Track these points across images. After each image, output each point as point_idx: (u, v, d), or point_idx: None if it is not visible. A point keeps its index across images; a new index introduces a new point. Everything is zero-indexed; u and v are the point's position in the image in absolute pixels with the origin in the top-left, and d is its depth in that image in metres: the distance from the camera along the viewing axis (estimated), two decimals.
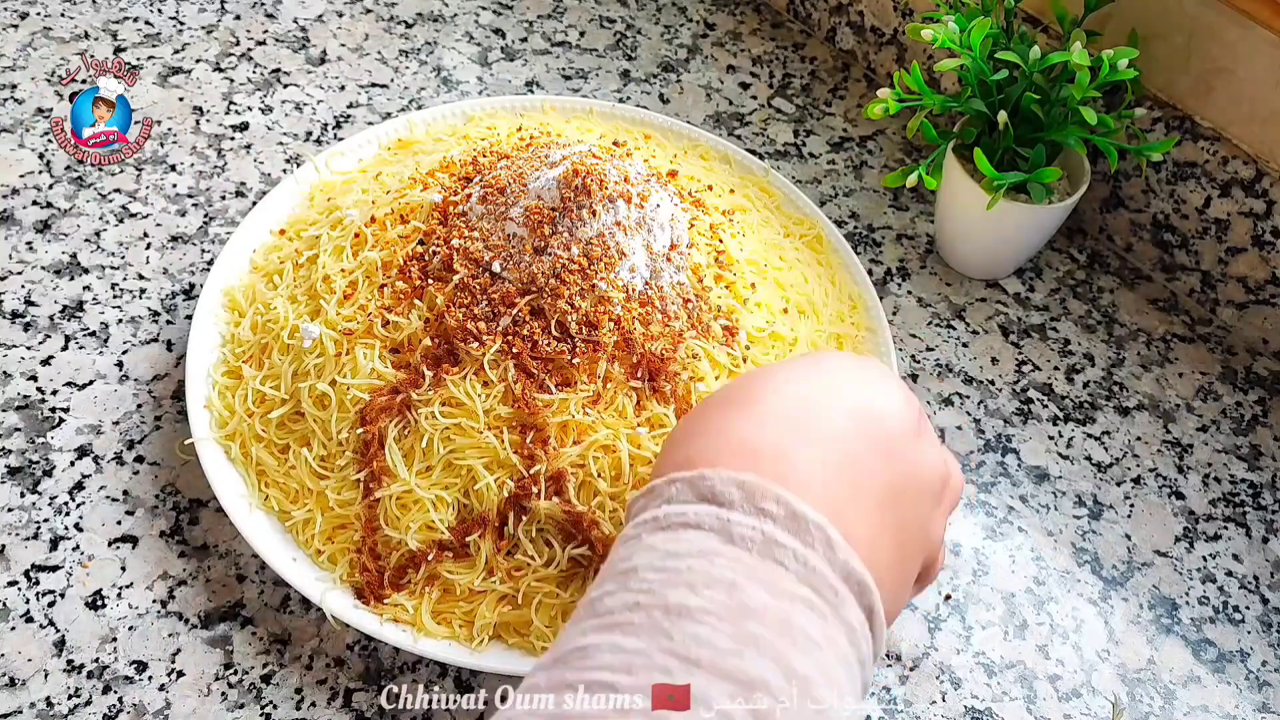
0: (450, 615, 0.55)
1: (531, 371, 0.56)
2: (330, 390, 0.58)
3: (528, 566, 0.55)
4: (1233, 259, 0.74)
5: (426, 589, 0.55)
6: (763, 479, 0.37)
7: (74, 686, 0.55)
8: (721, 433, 0.41)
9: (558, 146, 0.63)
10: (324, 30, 0.89)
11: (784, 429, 0.40)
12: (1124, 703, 0.59)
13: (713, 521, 0.36)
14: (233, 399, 0.61)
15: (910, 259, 0.79)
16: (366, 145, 0.75)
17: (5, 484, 0.62)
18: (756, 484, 0.37)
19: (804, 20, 0.94)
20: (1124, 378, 0.74)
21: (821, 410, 0.41)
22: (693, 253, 0.62)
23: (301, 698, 0.56)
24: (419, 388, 0.56)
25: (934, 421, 0.70)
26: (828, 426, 0.40)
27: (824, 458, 0.39)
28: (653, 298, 0.58)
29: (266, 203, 0.70)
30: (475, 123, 0.76)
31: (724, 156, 0.77)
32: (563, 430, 0.56)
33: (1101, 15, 0.72)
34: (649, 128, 0.78)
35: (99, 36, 0.85)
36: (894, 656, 0.60)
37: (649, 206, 0.59)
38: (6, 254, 0.71)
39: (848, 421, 0.41)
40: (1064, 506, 0.67)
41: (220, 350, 0.64)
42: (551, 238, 0.57)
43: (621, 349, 0.57)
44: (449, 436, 0.56)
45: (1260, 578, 0.65)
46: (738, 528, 0.36)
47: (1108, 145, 0.69)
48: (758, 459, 0.39)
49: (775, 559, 0.35)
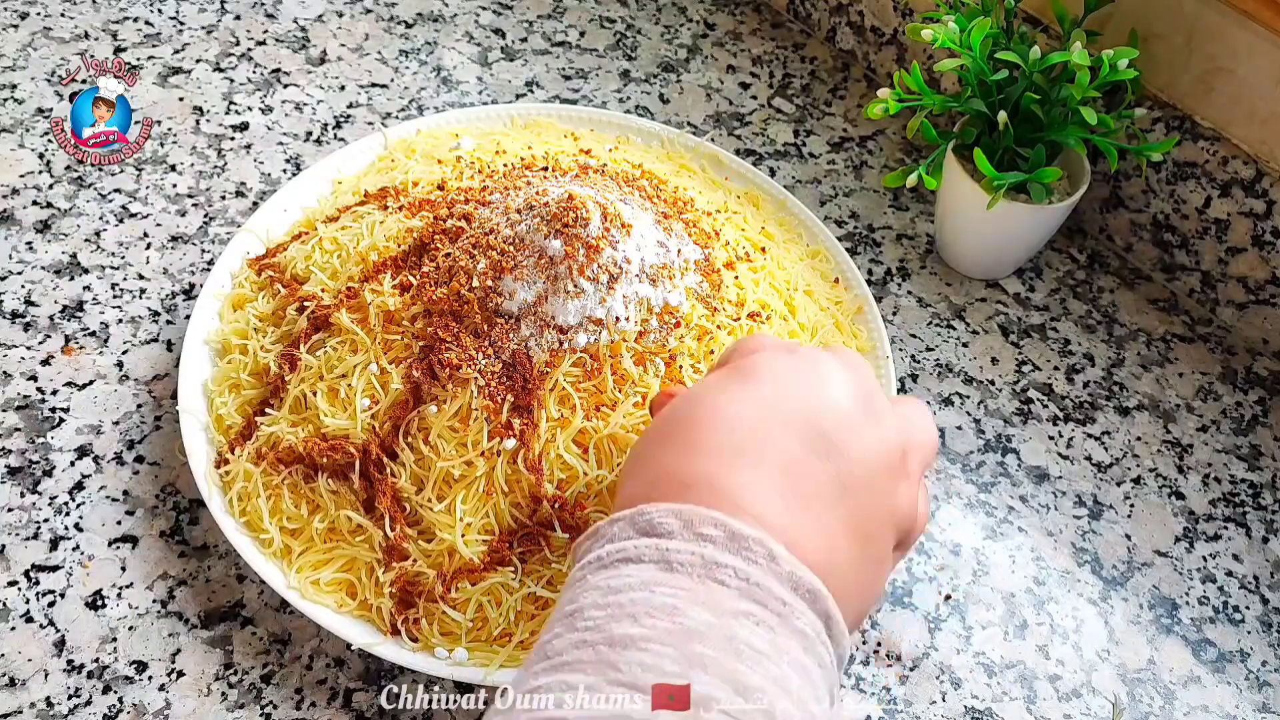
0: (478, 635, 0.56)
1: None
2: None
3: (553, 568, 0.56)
4: (1233, 259, 0.74)
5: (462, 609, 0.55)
6: (700, 506, 0.38)
7: (74, 686, 0.55)
8: (659, 468, 0.41)
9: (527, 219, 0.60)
10: (324, 30, 0.89)
11: (720, 455, 0.40)
12: (1124, 703, 0.59)
13: (652, 553, 0.37)
14: (240, 451, 0.60)
15: (910, 259, 0.79)
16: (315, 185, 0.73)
17: (5, 484, 0.62)
18: (694, 511, 0.37)
19: (804, 20, 0.94)
20: (1124, 378, 0.74)
21: (756, 428, 0.41)
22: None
23: (301, 698, 0.56)
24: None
25: (934, 421, 0.70)
26: (763, 442, 0.40)
27: (763, 474, 0.39)
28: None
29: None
30: (438, 143, 0.75)
31: (713, 157, 0.77)
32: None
33: (1101, 15, 0.72)
34: (632, 132, 0.78)
35: (99, 36, 0.85)
36: (894, 656, 0.60)
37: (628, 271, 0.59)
38: (6, 254, 0.71)
39: (782, 433, 0.41)
40: (1064, 506, 0.67)
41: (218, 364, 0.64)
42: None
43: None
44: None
45: (1260, 578, 0.65)
46: (677, 555, 0.36)
47: (1108, 145, 0.69)
48: (695, 489, 0.39)
49: (716, 579, 0.35)
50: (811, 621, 0.36)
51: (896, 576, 0.63)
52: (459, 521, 0.55)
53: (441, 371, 0.57)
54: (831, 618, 0.37)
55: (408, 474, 0.56)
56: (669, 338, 0.59)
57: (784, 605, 0.36)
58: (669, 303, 0.59)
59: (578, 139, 0.76)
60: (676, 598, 0.35)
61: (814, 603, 0.37)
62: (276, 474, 0.59)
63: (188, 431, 0.60)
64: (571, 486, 0.55)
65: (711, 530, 0.37)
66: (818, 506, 0.39)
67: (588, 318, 0.57)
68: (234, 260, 0.68)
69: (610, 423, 0.56)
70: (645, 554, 0.37)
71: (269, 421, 0.60)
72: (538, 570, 0.55)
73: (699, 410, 0.43)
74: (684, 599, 0.35)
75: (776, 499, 0.39)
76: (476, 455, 0.55)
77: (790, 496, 0.39)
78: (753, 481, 0.39)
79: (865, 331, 0.69)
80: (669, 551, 0.36)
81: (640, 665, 0.33)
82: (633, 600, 0.35)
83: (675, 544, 0.36)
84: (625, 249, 0.58)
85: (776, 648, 0.35)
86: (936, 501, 0.67)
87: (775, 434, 0.41)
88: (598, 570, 0.37)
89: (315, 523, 0.57)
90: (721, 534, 0.37)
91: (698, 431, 0.42)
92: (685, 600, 0.35)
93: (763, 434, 0.41)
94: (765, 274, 0.67)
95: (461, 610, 0.55)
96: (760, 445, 0.40)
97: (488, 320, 0.58)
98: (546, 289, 0.57)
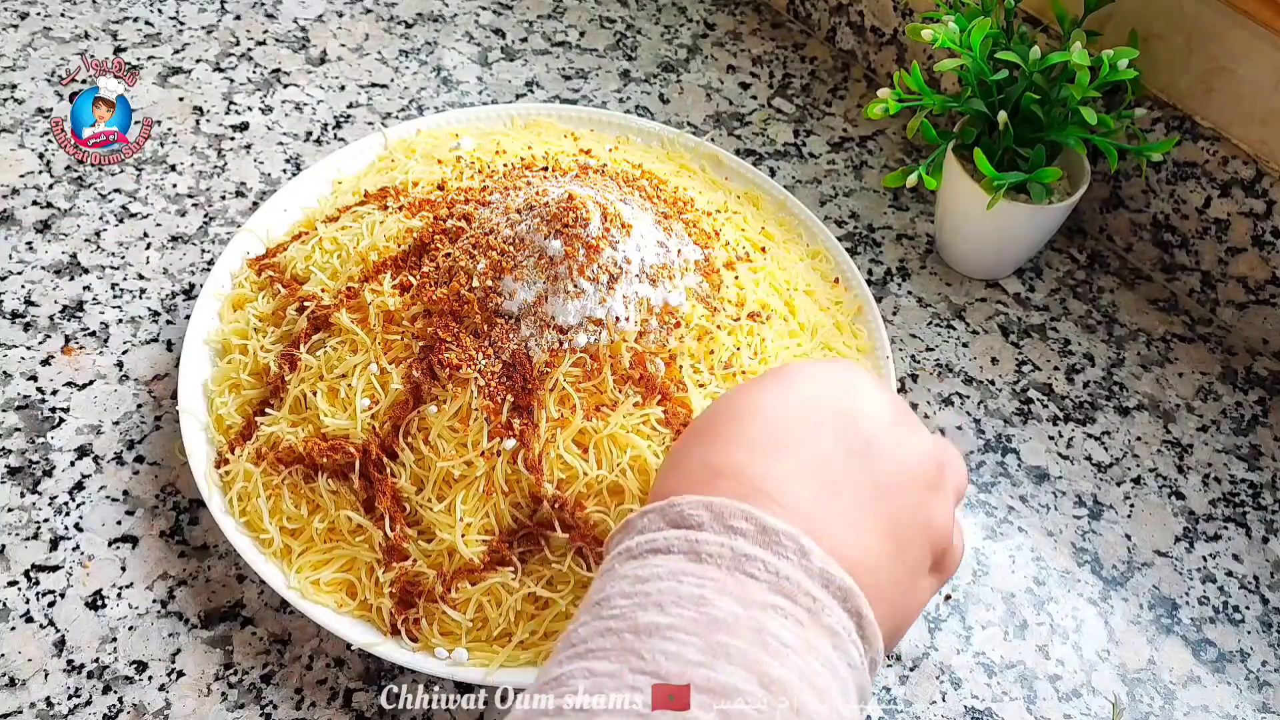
0: (479, 634, 0.56)
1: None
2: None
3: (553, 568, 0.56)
4: (1233, 259, 0.74)
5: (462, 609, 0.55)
6: (731, 499, 0.37)
7: (74, 686, 0.55)
8: (692, 462, 0.41)
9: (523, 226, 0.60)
10: (324, 30, 0.89)
11: (754, 449, 0.40)
12: (1124, 703, 0.59)
13: (681, 544, 0.36)
14: (240, 450, 0.60)
15: (910, 259, 0.79)
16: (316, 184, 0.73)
17: (5, 484, 0.62)
18: (725, 504, 0.37)
19: (804, 20, 0.94)
20: (1124, 378, 0.74)
21: (791, 424, 0.41)
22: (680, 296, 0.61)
23: (301, 698, 0.56)
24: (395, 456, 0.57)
25: (934, 421, 0.70)
26: (799, 438, 0.40)
27: (796, 469, 0.39)
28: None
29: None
30: (438, 143, 0.75)
31: (713, 157, 0.77)
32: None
33: (1101, 15, 0.72)
34: (632, 132, 0.78)
35: (99, 36, 0.85)
36: (894, 656, 0.60)
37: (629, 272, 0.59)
38: (6, 254, 0.71)
39: (819, 429, 0.41)
40: (1064, 506, 0.67)
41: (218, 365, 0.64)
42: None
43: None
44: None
45: (1260, 578, 0.65)
46: (706, 546, 0.36)
47: (1108, 145, 0.69)
48: (725, 478, 0.39)
49: (745, 571, 0.35)
50: (841, 619, 0.36)
51: None
52: (459, 521, 0.55)
53: (441, 371, 0.57)
54: (863, 617, 0.37)
55: (408, 474, 0.56)
56: (669, 338, 0.59)
57: (814, 601, 0.35)
58: (669, 303, 0.59)
59: (578, 139, 0.76)
60: (704, 588, 0.35)
61: (845, 600, 0.36)
62: (276, 474, 0.59)
63: (188, 431, 0.60)
64: (571, 486, 0.55)
65: (742, 523, 0.36)
66: (850, 502, 0.39)
67: (588, 318, 0.57)
68: (234, 260, 0.68)
69: (610, 423, 0.56)
70: (674, 545, 0.37)
71: (269, 421, 0.60)
72: (538, 570, 0.56)
73: (735, 405, 0.43)
74: (711, 589, 0.35)
75: (808, 491, 0.39)
76: (476, 455, 0.55)
77: (822, 489, 0.39)
78: (785, 472, 0.39)
79: (865, 331, 0.69)
80: (698, 543, 0.36)
81: (664, 654, 0.32)
82: (660, 590, 0.35)
83: (705, 535, 0.36)
84: (625, 249, 0.58)
85: (805, 642, 0.34)
86: None
87: (811, 428, 0.41)
88: (626, 561, 0.37)
89: (315, 523, 0.57)
90: (752, 527, 0.36)
91: (732, 424, 0.42)
92: (713, 591, 0.34)
93: (798, 428, 0.41)
94: (765, 274, 0.67)
95: (461, 610, 0.55)
96: (794, 438, 0.40)
97: (488, 320, 0.58)
98: (546, 289, 0.57)
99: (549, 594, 0.55)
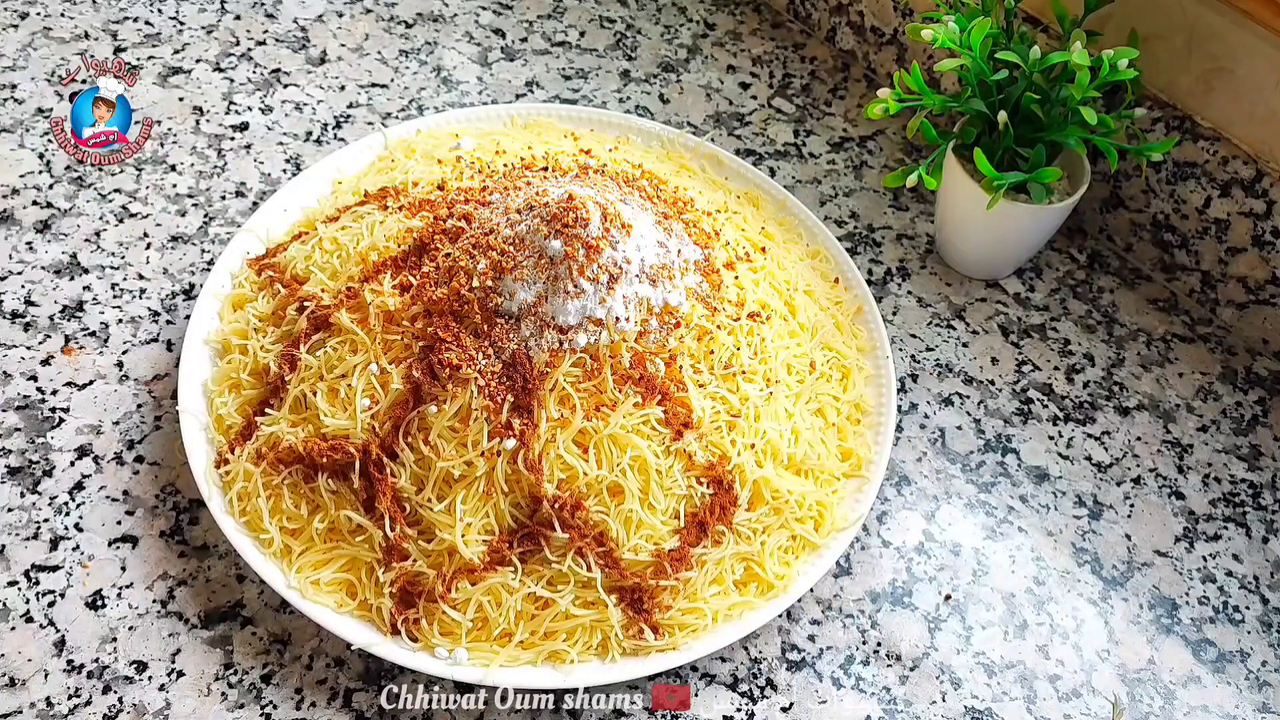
0: (479, 636, 0.56)
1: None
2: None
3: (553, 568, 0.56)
4: (1233, 259, 0.74)
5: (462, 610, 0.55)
6: None
7: (74, 686, 0.55)
8: None
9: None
10: (324, 30, 0.89)
11: None
12: (1124, 703, 0.59)
13: None
14: (240, 452, 0.60)
15: (910, 259, 0.79)
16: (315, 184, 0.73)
17: (5, 484, 0.62)
18: None
19: (804, 20, 0.94)
20: (1124, 378, 0.74)
21: None
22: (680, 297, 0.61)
23: (301, 698, 0.56)
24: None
25: (934, 421, 0.70)
26: None
27: None
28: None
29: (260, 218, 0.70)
30: (439, 143, 0.75)
31: (713, 157, 0.77)
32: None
33: (1101, 15, 0.72)
34: (632, 132, 0.78)
35: (99, 36, 0.85)
36: (894, 656, 0.60)
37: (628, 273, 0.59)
38: (6, 254, 0.71)
39: None
40: (1064, 506, 0.67)
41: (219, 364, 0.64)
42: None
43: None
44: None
45: (1260, 578, 0.65)
46: None
47: (1108, 145, 0.69)
48: None
49: None
50: None
51: (896, 576, 0.63)
52: (459, 521, 0.55)
53: (441, 371, 0.57)
54: None
55: (408, 474, 0.56)
56: (669, 338, 0.59)
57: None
58: (669, 303, 0.59)
59: (578, 139, 0.76)
60: None
61: None
62: (276, 474, 0.59)
63: (188, 431, 0.60)
64: (571, 486, 0.55)
65: None
66: None
67: (588, 318, 0.57)
68: (234, 260, 0.68)
69: (610, 423, 0.56)
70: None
71: (269, 421, 0.60)
72: (538, 570, 0.56)
73: None
74: None
75: None
76: (476, 455, 0.55)
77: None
78: None
79: (865, 331, 0.69)
80: None
81: None
82: None
83: None
84: (625, 249, 0.58)
85: None
86: (936, 502, 0.67)
87: None
88: None
89: (315, 523, 0.57)
90: None
91: None
92: None
93: None
94: (765, 274, 0.67)
95: (461, 610, 0.55)
96: None
97: (488, 320, 0.58)
98: (546, 289, 0.57)
99: (549, 594, 0.55)
